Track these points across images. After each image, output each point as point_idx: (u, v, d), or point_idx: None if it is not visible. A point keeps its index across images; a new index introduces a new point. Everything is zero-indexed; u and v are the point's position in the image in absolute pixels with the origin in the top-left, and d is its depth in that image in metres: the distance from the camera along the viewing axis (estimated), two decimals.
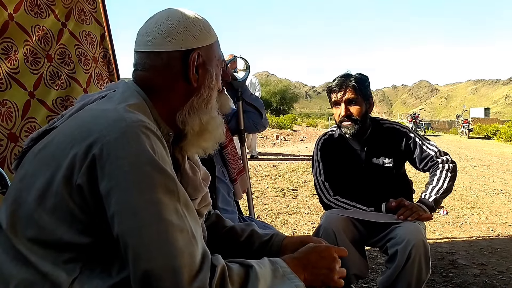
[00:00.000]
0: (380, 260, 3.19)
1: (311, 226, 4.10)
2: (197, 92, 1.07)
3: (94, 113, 0.95)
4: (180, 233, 0.83)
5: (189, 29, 1.05)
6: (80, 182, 0.84)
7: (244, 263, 0.94)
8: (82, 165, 0.84)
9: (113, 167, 0.82)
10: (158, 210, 0.82)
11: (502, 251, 3.44)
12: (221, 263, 0.88)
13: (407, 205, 2.03)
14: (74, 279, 0.85)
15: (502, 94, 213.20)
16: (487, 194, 6.14)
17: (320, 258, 1.06)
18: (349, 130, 2.18)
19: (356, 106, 2.17)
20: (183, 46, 1.04)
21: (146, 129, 0.88)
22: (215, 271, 0.85)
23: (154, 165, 0.85)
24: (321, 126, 26.76)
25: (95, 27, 2.57)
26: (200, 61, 1.06)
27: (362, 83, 2.18)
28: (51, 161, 0.89)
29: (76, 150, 0.85)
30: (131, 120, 0.88)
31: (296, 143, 13.19)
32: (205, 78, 1.08)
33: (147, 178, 0.84)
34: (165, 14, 1.08)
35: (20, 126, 1.99)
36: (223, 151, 2.05)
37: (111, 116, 0.90)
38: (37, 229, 0.87)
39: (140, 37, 1.07)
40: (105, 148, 0.83)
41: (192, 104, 1.06)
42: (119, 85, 1.08)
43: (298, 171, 6.96)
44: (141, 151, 0.85)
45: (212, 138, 1.12)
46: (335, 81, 2.22)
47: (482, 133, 23.58)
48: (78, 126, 0.92)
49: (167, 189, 0.85)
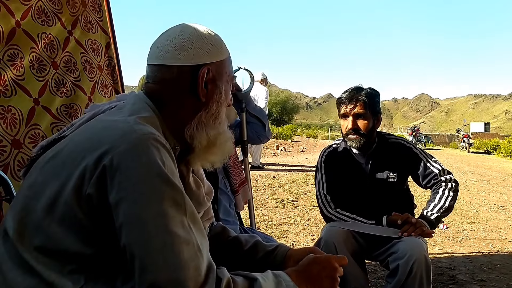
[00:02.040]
0: (380, 274, 3.17)
1: (311, 238, 4.08)
2: (205, 107, 1.07)
3: (105, 124, 0.95)
4: (186, 245, 0.83)
5: (201, 44, 1.06)
6: (90, 192, 0.84)
7: (248, 276, 0.95)
8: (92, 175, 0.85)
9: (123, 178, 0.83)
10: (165, 223, 0.83)
11: (501, 267, 3.43)
12: (227, 276, 0.89)
13: (413, 222, 2.02)
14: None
15: (502, 109, 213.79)
16: (487, 209, 6.12)
17: (322, 268, 1.07)
18: (354, 143, 2.19)
19: (364, 120, 2.17)
20: (193, 61, 1.05)
21: (156, 142, 0.89)
22: (220, 284, 0.86)
23: (163, 178, 0.86)
24: (321, 137, 26.80)
25: (101, 36, 2.59)
26: (210, 76, 1.07)
27: (372, 98, 2.18)
28: (62, 170, 0.89)
29: (87, 160, 0.86)
30: (142, 132, 0.89)
31: (297, 154, 13.20)
32: (214, 94, 1.08)
33: (156, 190, 0.84)
34: (178, 29, 1.09)
35: (24, 133, 2.00)
36: (225, 162, 2.05)
37: (122, 128, 0.91)
38: (44, 238, 0.87)
39: (153, 50, 1.09)
40: (116, 159, 0.84)
41: (200, 119, 1.07)
42: (129, 97, 1.09)
43: (298, 182, 6.96)
44: (151, 163, 0.85)
45: (220, 153, 1.13)
46: (346, 94, 2.21)
47: (482, 147, 23.59)
48: (89, 136, 0.93)
49: (175, 202, 0.86)
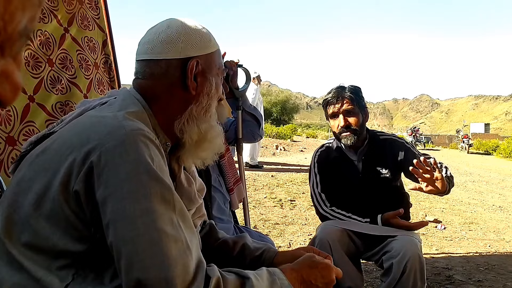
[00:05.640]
0: (376, 273, 3.17)
1: (308, 237, 4.07)
2: (195, 100, 1.07)
3: (93, 120, 0.94)
4: (174, 243, 0.82)
5: (189, 37, 1.06)
6: (77, 189, 0.84)
7: (240, 274, 0.93)
8: (79, 172, 0.84)
9: (110, 175, 0.82)
10: (153, 220, 0.82)
11: (499, 267, 3.42)
12: (216, 274, 0.87)
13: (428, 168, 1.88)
14: (66, 286, 0.85)
15: (502, 110, 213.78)
16: (485, 210, 6.12)
17: (320, 276, 1.06)
18: (349, 140, 2.20)
19: (353, 116, 2.20)
20: (182, 54, 1.05)
21: (145, 138, 0.88)
22: (209, 283, 0.84)
23: (151, 174, 0.85)
24: (321, 137, 26.79)
25: (98, 33, 2.58)
26: (199, 69, 1.06)
27: (357, 94, 2.23)
28: (49, 166, 0.88)
29: (74, 156, 0.85)
30: (131, 128, 0.88)
31: (296, 153, 13.20)
32: (204, 86, 1.08)
33: (144, 187, 0.83)
34: (165, 23, 1.09)
35: (18, 130, 1.99)
36: (220, 160, 2.05)
37: (110, 124, 0.90)
38: (32, 234, 0.86)
39: (141, 46, 1.08)
40: (103, 155, 0.83)
41: (191, 112, 1.06)
42: (120, 93, 1.08)
43: (297, 181, 6.95)
44: (138, 160, 0.85)
45: (211, 148, 1.12)
46: (331, 94, 2.25)
47: (482, 148, 23.58)
48: (77, 132, 0.92)
49: (163, 198, 0.85)
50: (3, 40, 0.37)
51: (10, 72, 0.39)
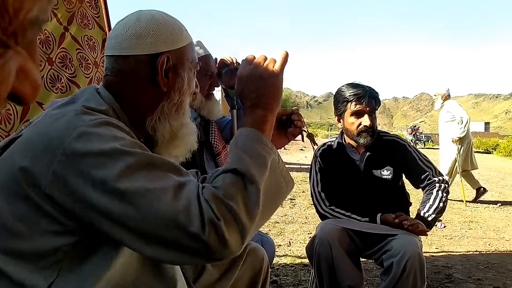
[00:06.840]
0: (376, 272, 3.17)
1: (308, 236, 4.08)
2: (167, 97, 1.04)
3: (53, 118, 0.90)
4: (163, 195, 0.79)
5: (158, 31, 1.02)
6: (48, 192, 0.81)
7: (227, 170, 0.89)
8: (48, 173, 0.81)
9: (81, 166, 0.80)
10: (135, 191, 0.79)
11: (498, 266, 3.42)
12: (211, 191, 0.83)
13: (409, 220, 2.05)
14: (50, 283, 0.82)
15: (502, 109, 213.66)
16: (485, 208, 6.13)
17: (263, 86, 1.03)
18: (367, 140, 2.21)
19: (375, 117, 2.24)
20: (151, 49, 1.01)
21: (105, 124, 0.86)
22: (210, 204, 0.80)
23: (119, 151, 0.82)
24: (321, 136, 26.80)
25: (97, 32, 2.58)
26: (170, 64, 1.03)
27: (378, 95, 2.26)
28: (17, 170, 0.84)
29: (39, 158, 0.83)
30: (89, 119, 0.86)
31: (296, 152, 13.21)
32: (176, 82, 1.04)
33: (117, 166, 0.80)
34: (134, 16, 1.05)
35: (18, 129, 1.99)
36: (216, 158, 2.04)
37: (68, 119, 0.87)
38: (10, 239, 0.83)
39: (109, 40, 1.05)
40: (67, 150, 0.81)
41: (162, 110, 1.03)
42: (84, 91, 1.04)
43: (297, 180, 6.96)
44: (103, 143, 0.82)
45: (183, 146, 1.09)
46: (357, 90, 2.20)
47: (482, 147, 23.58)
48: (38, 133, 0.88)
49: (138, 167, 0.82)
50: (15, 28, 0.36)
51: (28, 69, 0.39)
